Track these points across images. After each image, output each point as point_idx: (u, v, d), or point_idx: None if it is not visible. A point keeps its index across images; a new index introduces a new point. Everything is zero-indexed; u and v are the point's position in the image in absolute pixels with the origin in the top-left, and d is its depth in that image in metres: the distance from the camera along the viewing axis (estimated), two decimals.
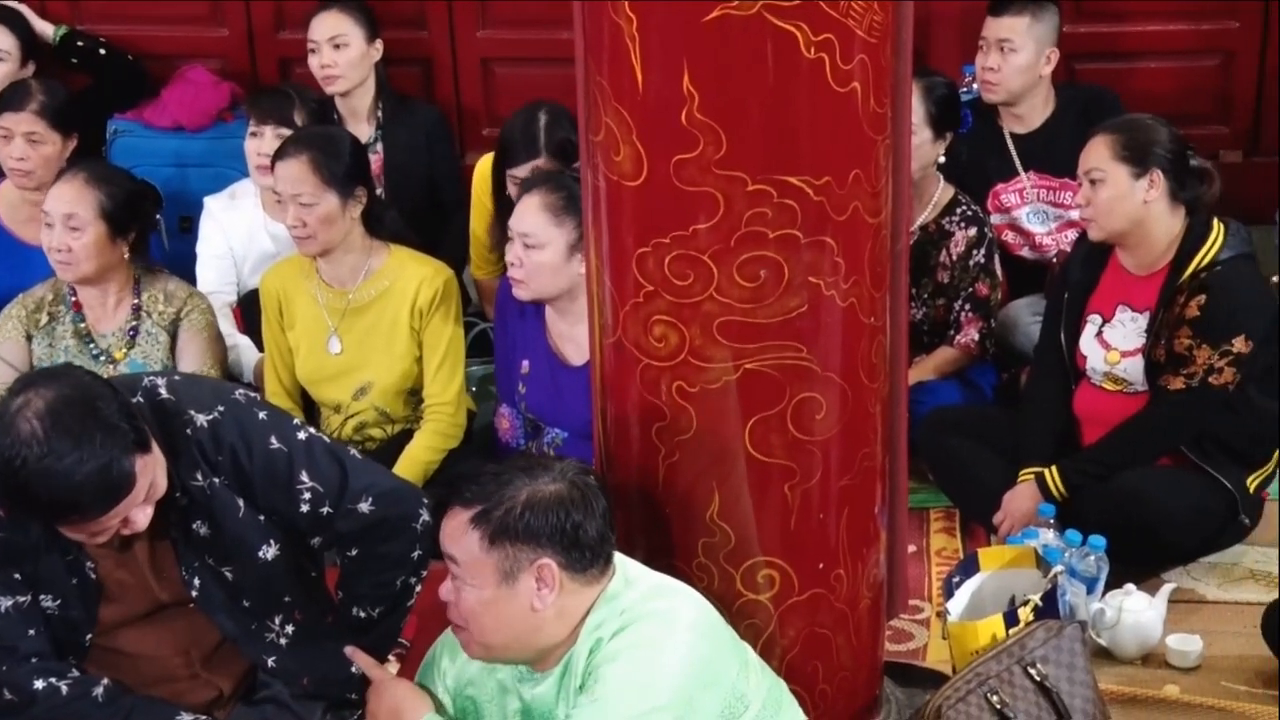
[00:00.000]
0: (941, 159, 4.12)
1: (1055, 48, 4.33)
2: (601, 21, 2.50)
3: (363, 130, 4.59)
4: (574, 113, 2.71)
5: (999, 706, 2.82)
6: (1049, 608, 3.07)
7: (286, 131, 4.15)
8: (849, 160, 2.53)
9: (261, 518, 2.68)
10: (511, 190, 4.08)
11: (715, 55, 2.43)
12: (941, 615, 3.27)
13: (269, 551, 2.69)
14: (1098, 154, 3.57)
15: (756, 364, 2.57)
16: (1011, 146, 4.41)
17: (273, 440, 2.67)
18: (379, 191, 4.32)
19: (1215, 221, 3.60)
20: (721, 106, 2.44)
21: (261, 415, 2.70)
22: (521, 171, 4.05)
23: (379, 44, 4.62)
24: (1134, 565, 3.52)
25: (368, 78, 4.62)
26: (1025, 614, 3.03)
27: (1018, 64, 4.30)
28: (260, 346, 4.06)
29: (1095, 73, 4.67)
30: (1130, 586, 3.42)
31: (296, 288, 3.87)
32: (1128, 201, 3.56)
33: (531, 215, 3.53)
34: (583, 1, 2.54)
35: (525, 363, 3.72)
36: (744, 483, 2.65)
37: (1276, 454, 3.73)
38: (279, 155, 3.79)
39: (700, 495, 2.66)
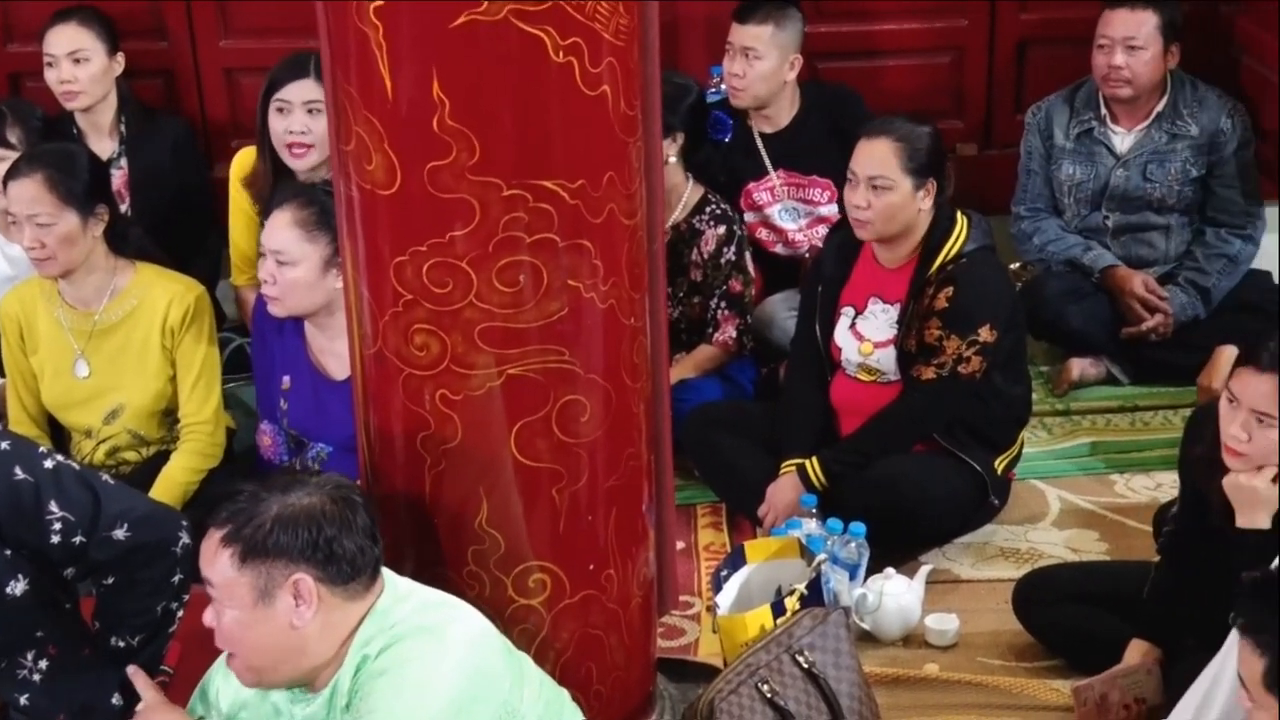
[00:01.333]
0: (671, 158, 4.15)
1: (799, 54, 4.42)
2: (347, 29, 2.46)
3: (105, 146, 4.44)
4: None
5: (769, 696, 2.87)
6: (814, 596, 3.14)
7: (1, 151, 4.02)
8: (602, 163, 2.54)
9: (8, 552, 2.57)
10: (274, 119, 4.02)
11: (464, 61, 2.42)
12: (711, 609, 3.31)
13: (17, 587, 2.58)
14: (884, 162, 3.63)
15: (519, 369, 2.57)
16: (761, 146, 4.49)
17: (17, 471, 2.57)
18: (124, 208, 4.19)
19: (958, 214, 3.73)
20: (473, 112, 2.44)
21: (4, 446, 2.59)
22: (288, 93, 3.99)
23: (120, 57, 4.47)
24: (893, 549, 3.62)
25: (110, 92, 4.47)
26: (792, 603, 3.09)
27: (762, 71, 4.38)
28: (1, 373, 3.89)
29: (837, 71, 4.78)
30: (890, 570, 3.51)
31: (38, 311, 3.73)
32: (908, 209, 3.65)
33: (282, 231, 3.46)
34: (327, 8, 2.51)
35: (286, 378, 3.65)
36: (512, 488, 2.64)
37: (1020, 437, 3.88)
38: (11, 174, 3.65)
39: (468, 503, 2.64)
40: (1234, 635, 2.40)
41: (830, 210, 4.42)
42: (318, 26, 2.54)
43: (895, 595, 3.45)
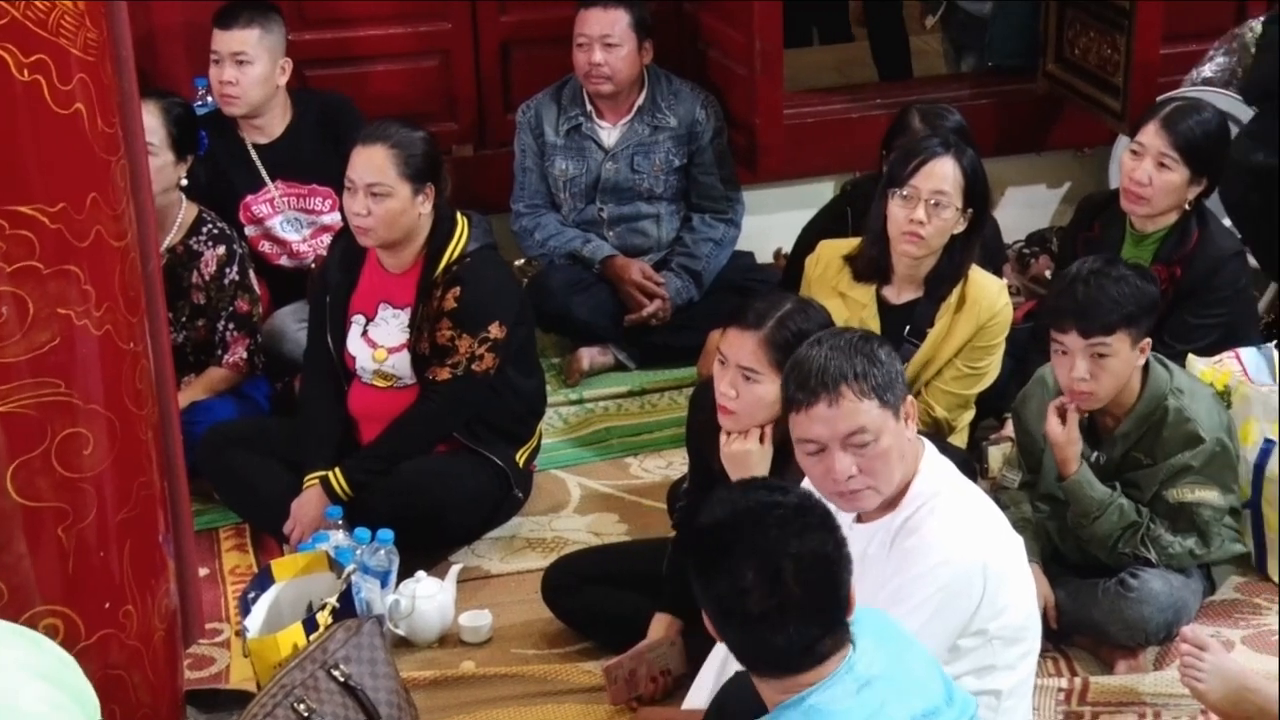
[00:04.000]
0: (184, 181, 4.06)
1: (287, 58, 4.37)
2: None
3: None
4: None
5: (306, 714, 2.83)
6: (346, 608, 3.12)
7: None
8: (84, 184, 2.45)
9: None
10: None
11: None
12: (240, 633, 3.24)
13: None
14: (381, 169, 3.62)
15: (10, 406, 2.45)
16: (256, 157, 4.41)
17: None
18: None
19: (458, 215, 3.78)
20: None
21: None
22: None
23: None
24: (422, 552, 3.64)
25: None
26: (324, 618, 3.06)
27: (255, 76, 4.30)
28: None
29: (327, 78, 4.74)
30: (421, 574, 3.53)
31: None
32: (409, 214, 3.66)
33: None
34: None
35: None
36: (13, 531, 2.52)
37: (538, 428, 3.98)
38: None
39: None
40: None
41: (333, 219, 4.39)
42: None
43: (427, 597, 3.47)
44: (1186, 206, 3.88)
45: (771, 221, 4.96)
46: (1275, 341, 4.00)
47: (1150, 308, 3.31)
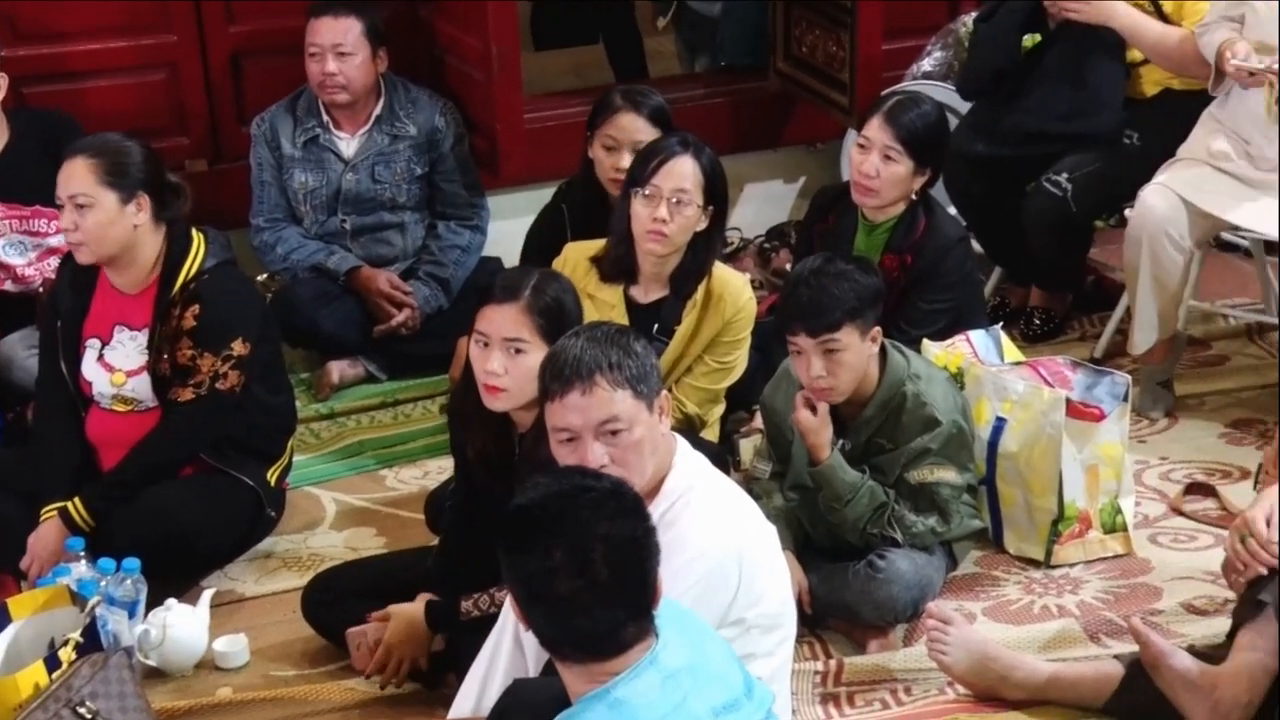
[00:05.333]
0: None
1: (1, 73, 4.21)
2: None
3: None
4: None
5: None
6: (91, 642, 3.04)
7: None
8: None
9: None
10: None
11: None
12: None
13: None
14: (83, 179, 3.52)
15: None
16: None
17: None
18: None
19: (194, 232, 3.69)
20: None
21: None
22: None
23: None
24: (173, 579, 3.55)
25: None
26: (67, 654, 2.98)
27: None
28: None
29: (47, 95, 4.58)
30: (171, 601, 3.44)
31: None
32: (118, 226, 3.55)
33: None
34: None
35: None
36: None
37: (289, 445, 3.91)
38: None
39: None
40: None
41: (60, 240, 4.23)
42: None
43: (179, 625, 3.39)
44: (913, 196, 4.02)
45: (517, 226, 4.96)
46: (1001, 323, 4.19)
47: (872, 298, 3.41)
